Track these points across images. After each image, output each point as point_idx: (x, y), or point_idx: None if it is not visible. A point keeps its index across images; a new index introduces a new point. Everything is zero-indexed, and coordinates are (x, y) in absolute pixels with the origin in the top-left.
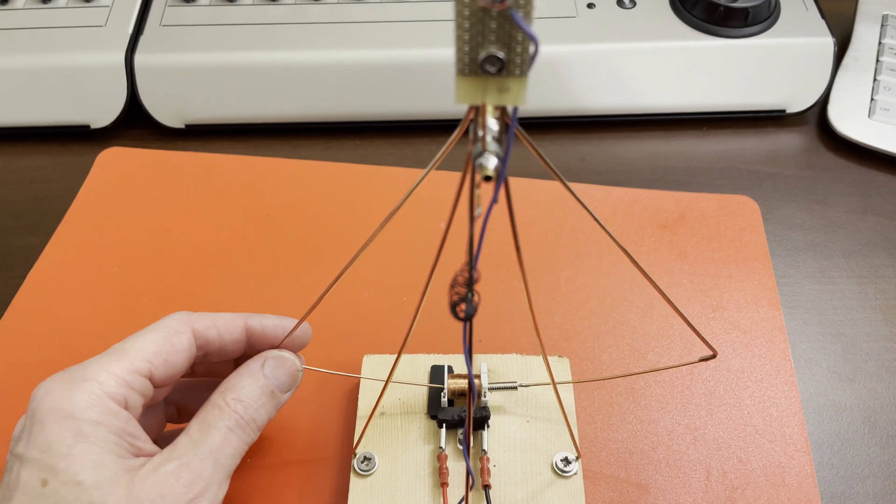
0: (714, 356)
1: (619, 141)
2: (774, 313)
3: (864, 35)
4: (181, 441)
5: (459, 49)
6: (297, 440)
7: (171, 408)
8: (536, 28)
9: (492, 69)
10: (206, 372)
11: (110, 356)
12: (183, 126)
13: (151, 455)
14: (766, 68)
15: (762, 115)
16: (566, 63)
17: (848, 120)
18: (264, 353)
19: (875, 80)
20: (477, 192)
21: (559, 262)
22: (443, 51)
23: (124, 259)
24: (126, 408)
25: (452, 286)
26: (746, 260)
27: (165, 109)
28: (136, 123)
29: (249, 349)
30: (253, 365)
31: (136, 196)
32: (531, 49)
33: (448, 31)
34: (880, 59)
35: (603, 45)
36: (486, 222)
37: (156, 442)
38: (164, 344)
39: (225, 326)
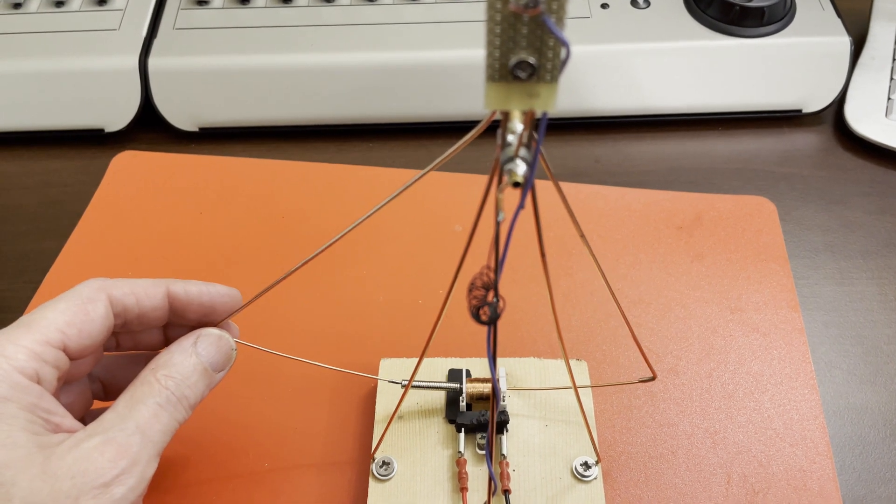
0: (653, 378)
1: (634, 142)
2: (793, 315)
3: (880, 33)
4: (107, 416)
5: (490, 54)
6: (314, 444)
7: (97, 384)
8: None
9: (523, 75)
10: (133, 345)
11: (18, 328)
12: (197, 129)
13: (73, 431)
14: (782, 68)
15: (778, 115)
16: (580, 64)
17: (865, 119)
18: (197, 331)
19: (892, 78)
20: (500, 196)
21: (574, 264)
22: (457, 52)
23: (139, 263)
24: (38, 382)
25: (470, 290)
26: (764, 261)
27: (179, 113)
28: (150, 127)
29: (174, 317)
30: (185, 342)
31: (150, 199)
32: (563, 54)
33: (461, 33)
34: None
35: (617, 46)
36: (512, 227)
37: (82, 420)
38: (78, 313)
39: (144, 292)
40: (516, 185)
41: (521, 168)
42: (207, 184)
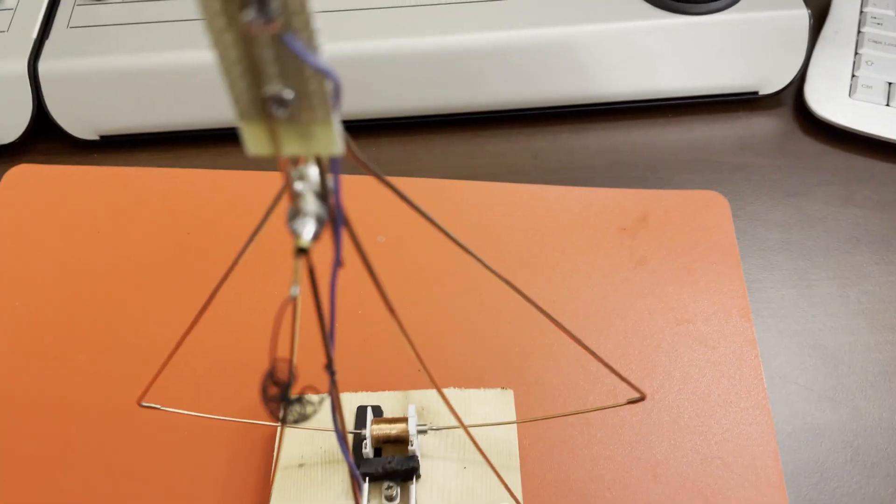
0: (642, 398)
1: (576, 134)
2: (745, 324)
3: (844, 4)
4: None
5: (232, 86)
6: (208, 497)
7: None
8: (472, 11)
9: (281, 113)
10: None
11: None
12: (97, 137)
13: None
14: (735, 46)
15: (732, 98)
16: (513, 50)
17: (827, 100)
18: None
19: (856, 53)
20: (296, 263)
21: (506, 275)
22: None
23: (29, 292)
24: None
25: (264, 391)
26: (714, 264)
27: (77, 120)
28: (46, 137)
29: None
30: None
31: (47, 218)
32: (330, 86)
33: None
34: (861, 29)
35: (553, 29)
36: (333, 291)
37: None
38: None
39: None
40: (301, 251)
41: (307, 230)
42: (107, 198)
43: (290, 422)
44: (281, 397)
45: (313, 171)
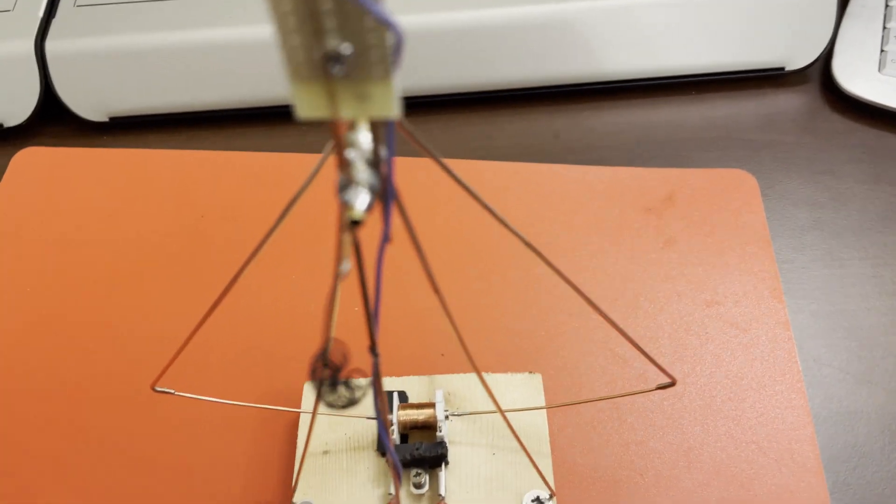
0: (673, 384)
1: (598, 112)
2: (777, 306)
3: None
4: None
5: (285, 42)
6: (230, 486)
7: None
8: None
9: (338, 70)
10: None
11: None
12: (107, 119)
13: None
14: (761, 21)
15: (758, 74)
16: (532, 26)
17: (855, 76)
18: None
19: (885, 27)
20: (344, 238)
21: (530, 257)
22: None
23: (40, 277)
24: None
25: (313, 372)
26: (744, 244)
27: (85, 101)
28: (54, 119)
29: None
30: None
31: (56, 201)
32: (391, 40)
33: None
34: (890, 3)
35: (574, 4)
36: (380, 268)
37: None
38: None
39: None
40: (355, 223)
41: (361, 200)
42: (118, 181)
43: (338, 407)
44: (331, 381)
45: (365, 138)
